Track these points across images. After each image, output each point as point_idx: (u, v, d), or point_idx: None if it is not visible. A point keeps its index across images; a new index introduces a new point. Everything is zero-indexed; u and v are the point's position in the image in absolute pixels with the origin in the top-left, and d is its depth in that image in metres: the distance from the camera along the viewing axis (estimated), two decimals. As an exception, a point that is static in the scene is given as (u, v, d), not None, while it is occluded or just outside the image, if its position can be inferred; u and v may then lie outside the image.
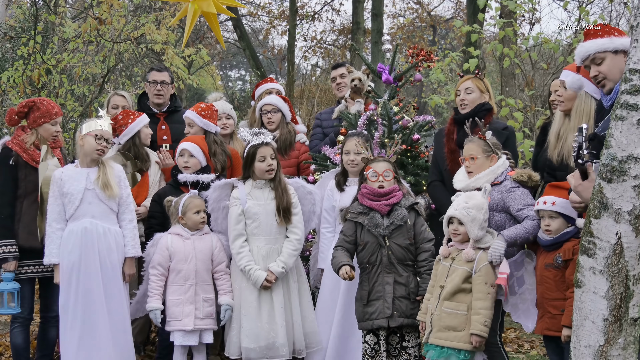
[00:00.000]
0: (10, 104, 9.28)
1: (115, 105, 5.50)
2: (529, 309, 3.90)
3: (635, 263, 2.79)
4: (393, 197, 4.14)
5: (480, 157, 4.08)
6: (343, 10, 23.07)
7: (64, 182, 4.42)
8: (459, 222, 3.83)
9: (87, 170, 4.46)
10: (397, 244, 4.10)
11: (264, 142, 4.49)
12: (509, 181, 4.03)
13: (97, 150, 4.45)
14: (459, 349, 3.73)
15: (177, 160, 4.87)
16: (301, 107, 12.87)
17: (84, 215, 4.40)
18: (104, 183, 4.41)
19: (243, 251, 4.46)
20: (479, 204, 3.83)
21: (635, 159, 2.77)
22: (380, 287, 4.09)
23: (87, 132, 4.45)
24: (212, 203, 4.59)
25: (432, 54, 5.26)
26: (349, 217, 4.21)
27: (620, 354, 2.81)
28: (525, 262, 3.96)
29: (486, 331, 3.70)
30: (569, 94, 4.05)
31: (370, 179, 4.18)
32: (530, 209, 3.91)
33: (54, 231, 4.40)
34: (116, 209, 4.50)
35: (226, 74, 28.73)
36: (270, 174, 4.50)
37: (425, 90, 16.54)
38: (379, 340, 4.11)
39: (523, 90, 9.21)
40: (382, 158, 4.29)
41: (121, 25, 9.04)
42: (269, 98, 5.57)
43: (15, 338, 4.65)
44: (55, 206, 4.43)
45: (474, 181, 4.03)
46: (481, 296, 3.73)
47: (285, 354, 4.34)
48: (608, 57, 3.41)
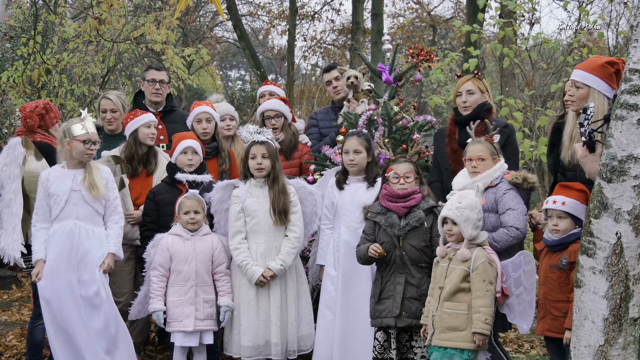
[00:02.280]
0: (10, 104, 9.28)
1: (103, 109, 5.46)
2: (525, 310, 3.88)
3: (635, 263, 2.79)
4: (412, 200, 4.14)
5: (488, 158, 4.10)
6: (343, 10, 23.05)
7: (50, 183, 4.43)
8: (452, 222, 3.83)
9: (74, 172, 4.46)
10: (411, 245, 4.09)
11: (257, 140, 4.51)
12: (504, 183, 4.04)
13: (86, 155, 4.44)
14: (461, 349, 3.72)
15: (180, 157, 4.83)
16: (301, 107, 12.87)
17: (69, 217, 4.40)
18: (90, 183, 4.40)
19: (241, 247, 4.48)
20: (472, 203, 3.81)
21: (635, 159, 2.78)
22: (392, 286, 4.10)
23: (74, 137, 4.42)
24: (215, 204, 4.61)
25: (432, 54, 5.26)
26: (369, 217, 4.23)
27: (620, 353, 2.81)
28: (523, 263, 3.95)
29: (488, 329, 3.69)
30: (580, 94, 4.06)
31: (391, 181, 4.18)
32: (510, 215, 3.93)
33: (38, 230, 4.43)
34: (102, 212, 4.50)
35: (226, 74, 28.73)
36: (260, 172, 4.51)
37: (425, 90, 16.55)
38: (389, 338, 4.11)
39: (523, 90, 9.21)
40: (404, 158, 4.26)
41: (121, 25, 9.03)
42: (269, 103, 5.49)
43: (37, 335, 4.70)
44: (40, 207, 4.45)
45: (472, 184, 4.03)
46: (480, 294, 3.72)
47: (277, 353, 4.35)
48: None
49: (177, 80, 10.74)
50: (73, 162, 4.49)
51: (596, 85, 3.83)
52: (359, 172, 4.62)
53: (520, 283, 3.88)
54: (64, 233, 4.38)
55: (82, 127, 4.43)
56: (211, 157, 5.24)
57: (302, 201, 4.61)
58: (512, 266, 3.91)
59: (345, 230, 4.54)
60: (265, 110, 5.46)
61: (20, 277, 9.29)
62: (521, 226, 3.97)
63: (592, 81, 3.83)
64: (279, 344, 4.37)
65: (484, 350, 3.78)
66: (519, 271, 3.91)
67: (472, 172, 4.12)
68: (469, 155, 4.15)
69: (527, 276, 3.89)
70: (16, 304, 7.73)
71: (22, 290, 8.71)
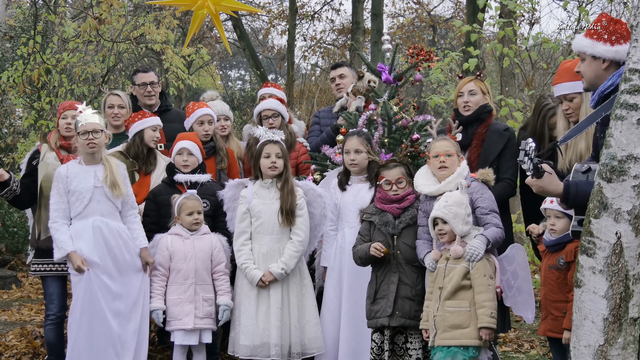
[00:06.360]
0: (10, 104, 9.29)
1: (111, 104, 5.46)
2: (526, 300, 3.90)
3: (635, 263, 2.79)
4: (406, 201, 4.17)
5: (455, 154, 4.07)
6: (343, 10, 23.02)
7: (71, 180, 4.39)
8: (442, 221, 3.84)
9: (94, 168, 4.45)
10: (406, 244, 4.10)
11: (272, 139, 4.51)
12: (477, 182, 4.03)
13: (88, 145, 4.41)
14: (465, 347, 3.72)
15: (176, 158, 4.84)
16: (301, 107, 12.86)
17: (93, 214, 4.39)
18: (112, 182, 4.40)
19: (243, 249, 4.49)
20: (459, 200, 3.84)
21: (635, 159, 2.78)
22: (386, 285, 4.10)
23: (78, 133, 4.45)
24: (227, 202, 4.64)
25: (432, 53, 5.25)
26: (365, 218, 4.24)
27: (619, 353, 2.81)
28: (515, 255, 3.96)
29: (494, 322, 3.69)
30: (576, 104, 4.05)
31: (384, 188, 4.19)
32: (494, 217, 3.92)
33: (60, 225, 4.37)
34: (120, 207, 4.51)
35: (226, 73, 28.71)
36: (274, 171, 4.51)
37: (425, 90, 16.54)
38: (384, 339, 4.11)
39: (523, 90, 9.21)
40: (394, 163, 4.26)
41: (121, 25, 9.03)
42: (267, 103, 5.50)
43: (48, 335, 4.73)
44: (60, 203, 4.39)
45: (445, 185, 4.00)
46: (482, 289, 3.72)
47: (276, 354, 4.34)
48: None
49: (177, 80, 10.75)
50: (87, 157, 4.48)
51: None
52: (361, 172, 4.62)
53: (517, 275, 3.90)
54: (92, 230, 4.35)
55: (78, 122, 4.45)
56: (208, 156, 5.25)
57: (311, 203, 4.61)
58: (506, 260, 3.94)
59: (349, 232, 4.53)
60: (263, 110, 5.48)
61: (20, 277, 9.30)
62: (502, 227, 3.98)
63: (580, 87, 3.82)
64: (279, 345, 4.36)
65: (486, 349, 3.78)
66: (513, 264, 3.93)
67: (440, 167, 4.04)
68: (436, 152, 4.07)
69: (521, 267, 3.91)
70: (16, 304, 7.74)
71: (22, 290, 8.73)
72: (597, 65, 3.31)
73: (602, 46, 3.28)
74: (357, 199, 4.50)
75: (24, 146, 9.22)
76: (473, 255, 3.76)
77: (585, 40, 3.34)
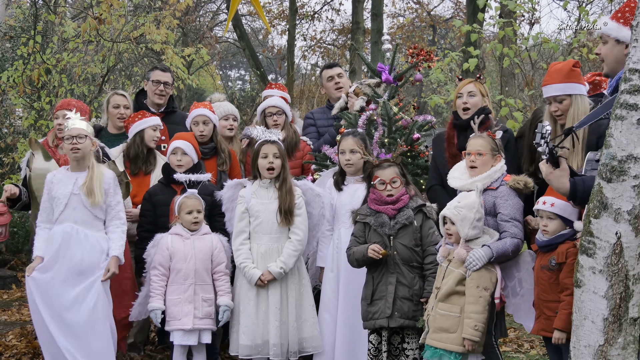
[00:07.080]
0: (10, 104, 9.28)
1: (116, 104, 5.48)
2: (531, 309, 3.90)
3: (635, 263, 2.79)
4: (400, 202, 4.14)
5: (487, 154, 4.00)
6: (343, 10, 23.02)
7: (54, 185, 4.45)
8: (451, 221, 3.82)
9: (76, 175, 4.47)
10: (402, 244, 4.09)
11: (269, 139, 4.51)
12: (505, 187, 3.96)
13: (72, 150, 4.42)
14: (450, 351, 3.73)
15: (170, 158, 4.85)
16: (301, 106, 12.87)
17: (67, 220, 4.41)
18: (88, 189, 4.39)
19: (242, 249, 4.49)
20: (471, 203, 3.79)
21: (635, 159, 2.78)
22: (384, 286, 4.09)
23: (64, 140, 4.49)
24: (226, 202, 4.64)
25: (432, 53, 5.25)
26: (359, 219, 4.23)
27: (619, 353, 2.81)
28: (525, 263, 3.96)
29: (477, 335, 3.69)
30: (565, 105, 4.04)
31: (378, 188, 4.17)
32: (514, 226, 3.86)
33: (42, 229, 4.49)
34: (102, 216, 4.48)
35: (226, 73, 28.72)
36: (271, 173, 4.51)
37: (425, 90, 16.54)
38: (382, 340, 4.11)
39: (523, 90, 9.21)
40: (388, 163, 4.24)
41: (121, 25, 9.03)
42: (272, 100, 5.51)
43: None
44: (44, 208, 4.49)
45: (471, 183, 3.96)
46: (472, 300, 3.72)
47: (275, 354, 4.35)
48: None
49: (177, 80, 10.74)
50: (73, 163, 4.50)
51: (575, 90, 3.86)
52: (357, 172, 4.62)
53: (524, 283, 3.89)
54: (60, 235, 4.38)
55: (66, 126, 4.47)
56: (209, 157, 5.25)
57: (309, 203, 4.61)
58: (516, 266, 3.92)
59: (345, 232, 4.53)
60: (267, 107, 5.48)
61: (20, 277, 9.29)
62: (522, 237, 3.95)
63: (571, 89, 3.84)
64: (278, 344, 4.37)
65: (475, 355, 3.77)
66: (522, 271, 3.92)
67: (470, 166, 4.02)
68: (468, 149, 4.06)
69: (529, 275, 3.90)
70: (16, 303, 7.73)
71: (22, 290, 8.70)
72: (620, 49, 3.26)
73: (628, 31, 3.24)
74: (354, 200, 4.49)
75: (24, 146, 9.21)
76: (471, 265, 3.75)
77: (611, 23, 3.30)
